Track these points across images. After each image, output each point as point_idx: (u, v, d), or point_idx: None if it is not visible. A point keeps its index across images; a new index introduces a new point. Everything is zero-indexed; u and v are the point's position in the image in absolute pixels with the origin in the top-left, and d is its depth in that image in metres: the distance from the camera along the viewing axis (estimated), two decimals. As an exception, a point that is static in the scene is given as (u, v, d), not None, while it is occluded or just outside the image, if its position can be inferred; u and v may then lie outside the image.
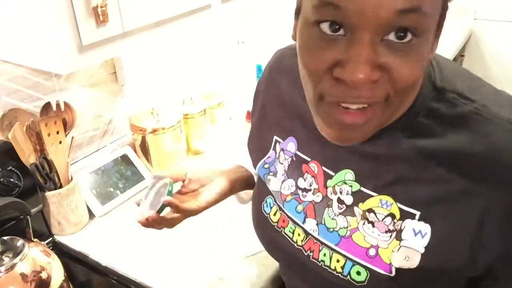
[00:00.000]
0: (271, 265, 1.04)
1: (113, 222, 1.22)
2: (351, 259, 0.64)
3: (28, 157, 1.07)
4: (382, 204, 0.61)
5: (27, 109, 1.15)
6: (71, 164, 1.25)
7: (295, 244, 0.71)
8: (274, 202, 0.75)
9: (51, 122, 1.09)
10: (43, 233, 1.15)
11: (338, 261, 0.65)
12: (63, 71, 0.88)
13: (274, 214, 0.75)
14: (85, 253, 1.12)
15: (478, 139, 0.55)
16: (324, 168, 0.68)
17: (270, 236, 0.76)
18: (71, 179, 1.16)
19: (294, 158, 0.72)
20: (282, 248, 0.73)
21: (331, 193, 0.66)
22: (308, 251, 0.69)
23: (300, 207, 0.70)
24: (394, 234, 0.60)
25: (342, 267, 0.64)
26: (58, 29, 0.84)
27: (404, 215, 0.59)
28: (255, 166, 0.82)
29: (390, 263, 0.60)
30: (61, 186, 1.13)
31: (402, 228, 0.59)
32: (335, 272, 0.65)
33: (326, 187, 0.67)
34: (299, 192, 0.71)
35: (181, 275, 1.03)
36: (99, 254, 1.11)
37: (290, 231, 0.72)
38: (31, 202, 1.06)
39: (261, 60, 1.96)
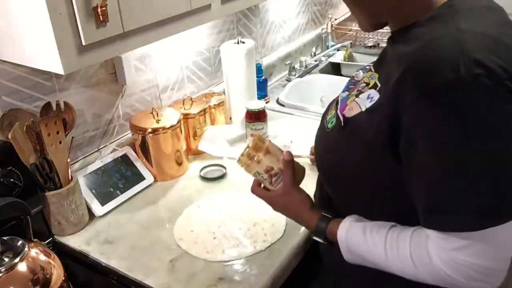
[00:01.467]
0: (271, 265, 1.04)
1: (113, 222, 1.22)
2: (336, 115, 0.86)
3: (28, 157, 1.07)
4: (370, 77, 0.82)
5: (27, 109, 1.15)
6: (71, 164, 1.26)
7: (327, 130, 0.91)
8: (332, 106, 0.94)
9: (51, 122, 1.09)
10: (43, 233, 1.15)
11: (331, 114, 0.89)
12: (63, 71, 0.88)
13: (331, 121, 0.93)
14: (85, 253, 1.12)
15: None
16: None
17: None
18: (71, 179, 1.16)
19: (360, 80, 0.89)
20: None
21: (362, 78, 0.87)
22: (327, 115, 0.92)
23: (351, 87, 0.90)
24: (357, 93, 0.81)
25: (329, 118, 0.89)
26: (58, 29, 0.84)
27: (374, 86, 0.78)
28: None
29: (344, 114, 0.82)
30: (61, 186, 1.13)
31: (363, 91, 0.80)
32: (325, 122, 0.91)
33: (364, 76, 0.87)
34: (355, 82, 0.91)
35: (181, 275, 1.03)
36: (99, 254, 1.11)
37: (330, 121, 0.91)
38: (31, 202, 1.06)
39: (261, 60, 1.96)
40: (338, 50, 2.39)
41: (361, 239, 0.81)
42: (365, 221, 0.84)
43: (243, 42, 1.61)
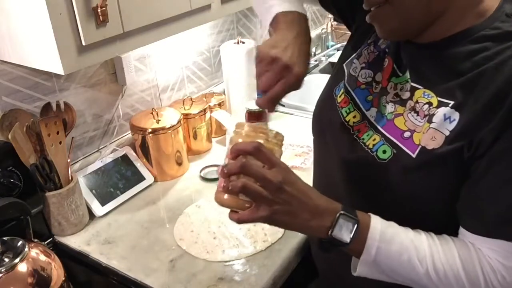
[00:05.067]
0: (271, 265, 1.04)
1: (113, 222, 1.22)
2: (385, 139, 0.77)
3: (28, 157, 1.07)
4: (424, 95, 0.74)
5: (27, 109, 1.15)
6: (71, 164, 1.25)
7: (346, 123, 0.84)
8: (344, 85, 0.87)
9: (51, 123, 1.09)
10: (43, 233, 1.15)
11: (374, 139, 0.78)
12: (63, 72, 0.88)
13: (340, 96, 0.87)
14: (85, 253, 1.12)
15: None
16: (395, 66, 0.80)
17: (327, 112, 0.89)
18: (71, 179, 1.16)
19: (381, 54, 0.83)
20: (332, 121, 0.87)
21: (391, 88, 0.79)
22: (356, 131, 0.82)
23: (370, 97, 0.83)
24: (427, 118, 0.72)
25: (374, 145, 0.78)
26: (58, 29, 0.84)
27: (440, 104, 0.71)
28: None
29: (419, 144, 0.72)
30: (61, 187, 1.13)
31: (435, 113, 0.71)
32: (366, 147, 0.79)
33: (388, 81, 0.80)
34: (373, 84, 0.83)
35: (181, 275, 1.03)
36: (99, 254, 1.11)
37: (346, 111, 0.85)
38: (31, 203, 1.06)
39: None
40: (338, 50, 2.38)
41: (400, 233, 0.72)
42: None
43: (243, 42, 1.61)
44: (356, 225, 0.70)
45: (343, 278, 0.86)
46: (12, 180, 1.04)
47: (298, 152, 1.44)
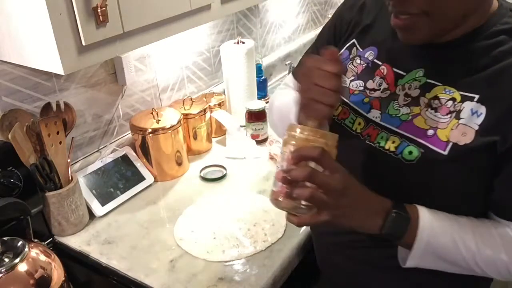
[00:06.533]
0: (271, 265, 1.04)
1: (113, 223, 1.22)
2: (408, 139, 0.76)
3: (28, 157, 1.07)
4: (446, 91, 0.74)
5: (27, 109, 1.15)
6: (71, 165, 1.25)
7: (353, 132, 0.83)
8: None
9: (51, 123, 1.09)
10: (44, 233, 1.15)
11: (393, 142, 0.77)
12: (63, 72, 0.88)
13: (336, 109, 0.86)
14: (86, 253, 1.12)
15: None
16: (395, 70, 0.81)
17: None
18: (71, 179, 1.16)
19: (370, 65, 0.85)
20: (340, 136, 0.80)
21: (400, 90, 0.79)
22: (366, 136, 0.81)
23: (366, 99, 0.83)
24: (454, 114, 0.73)
25: (396, 147, 0.77)
26: (58, 29, 0.84)
27: (464, 98, 0.72)
28: None
29: (448, 140, 0.72)
30: (61, 187, 1.13)
31: (461, 109, 0.72)
32: (387, 152, 0.77)
33: (396, 85, 0.80)
34: (367, 91, 0.84)
35: (181, 275, 1.03)
36: (99, 255, 1.11)
37: (350, 122, 0.84)
38: (31, 203, 1.06)
39: (261, 60, 1.96)
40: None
41: (445, 221, 0.74)
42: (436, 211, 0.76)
43: (243, 42, 1.61)
44: (407, 221, 0.72)
45: (354, 285, 0.88)
46: (12, 180, 1.04)
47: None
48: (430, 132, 0.74)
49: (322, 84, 0.68)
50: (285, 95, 0.98)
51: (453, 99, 0.73)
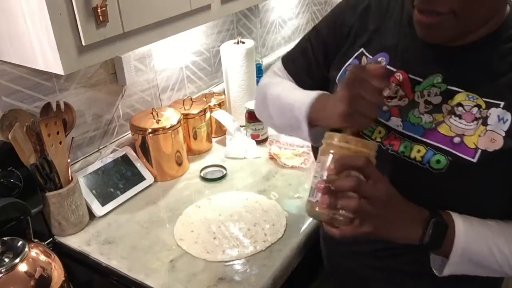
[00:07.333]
0: (271, 265, 1.04)
1: (113, 223, 1.22)
2: (434, 148, 0.74)
3: (28, 157, 1.07)
4: (469, 98, 0.73)
5: (27, 109, 1.15)
6: (71, 165, 1.25)
7: (374, 141, 0.80)
8: None
9: (51, 123, 1.09)
10: (44, 233, 1.15)
11: (419, 151, 0.75)
12: (63, 72, 0.88)
13: None
14: (85, 253, 1.12)
15: None
16: (412, 76, 0.78)
17: None
18: (71, 179, 1.16)
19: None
20: None
21: (418, 97, 0.77)
22: (388, 145, 0.79)
23: (385, 108, 0.80)
24: (480, 121, 0.72)
25: (422, 156, 0.75)
26: (58, 29, 0.84)
27: (489, 105, 0.72)
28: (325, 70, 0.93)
29: (476, 147, 0.71)
30: (61, 187, 1.13)
31: (488, 115, 0.71)
32: (413, 161, 0.75)
33: (414, 92, 0.78)
34: (384, 99, 0.78)
35: (181, 275, 1.03)
36: (99, 255, 1.11)
37: (369, 131, 0.81)
38: (31, 203, 1.06)
39: (261, 60, 1.96)
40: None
41: (479, 227, 0.74)
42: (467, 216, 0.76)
43: (243, 42, 1.61)
44: (446, 228, 0.72)
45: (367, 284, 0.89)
46: (12, 180, 1.04)
47: (298, 152, 1.44)
48: (457, 139, 0.73)
49: (369, 98, 0.68)
50: (279, 85, 0.95)
51: (478, 106, 0.72)
